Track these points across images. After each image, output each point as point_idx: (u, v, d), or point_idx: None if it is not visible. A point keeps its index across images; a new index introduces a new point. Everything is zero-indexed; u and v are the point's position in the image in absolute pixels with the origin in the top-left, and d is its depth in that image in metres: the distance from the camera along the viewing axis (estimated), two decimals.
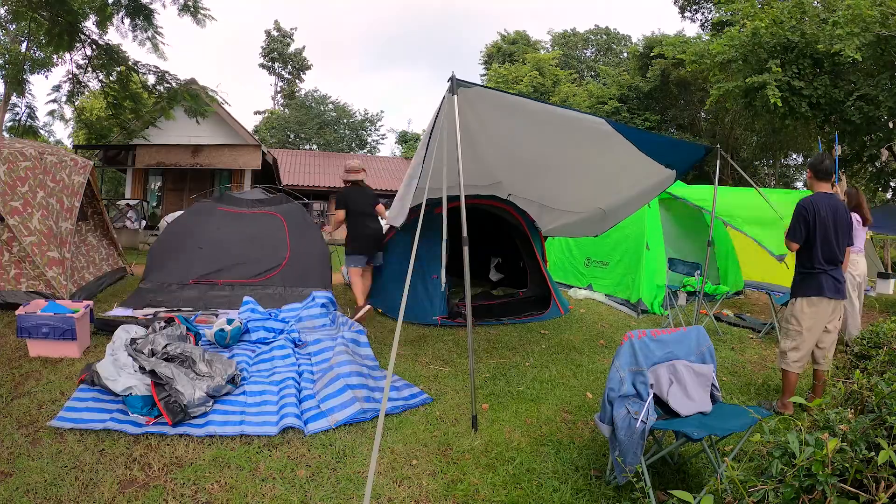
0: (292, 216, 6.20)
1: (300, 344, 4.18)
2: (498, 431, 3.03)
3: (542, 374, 4.03)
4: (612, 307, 6.81)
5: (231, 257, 5.71)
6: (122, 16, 10.27)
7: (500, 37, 32.48)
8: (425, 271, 5.52)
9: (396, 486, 2.46)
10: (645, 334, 2.63)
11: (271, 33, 35.63)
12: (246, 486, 2.38)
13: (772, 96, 9.72)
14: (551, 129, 3.98)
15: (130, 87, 11.60)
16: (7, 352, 3.82)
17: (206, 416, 2.96)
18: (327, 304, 4.82)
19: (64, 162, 5.31)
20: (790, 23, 10.11)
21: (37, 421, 2.84)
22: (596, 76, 30.66)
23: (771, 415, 3.02)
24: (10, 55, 13.18)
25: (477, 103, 3.45)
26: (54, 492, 2.25)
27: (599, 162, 4.46)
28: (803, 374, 4.41)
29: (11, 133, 12.17)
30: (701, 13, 20.04)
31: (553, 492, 2.45)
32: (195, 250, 5.62)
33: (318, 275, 5.94)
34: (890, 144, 10.86)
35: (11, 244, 4.72)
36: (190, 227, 5.88)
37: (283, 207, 6.27)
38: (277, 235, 5.98)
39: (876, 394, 1.71)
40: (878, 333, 3.33)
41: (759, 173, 23.84)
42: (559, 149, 4.31)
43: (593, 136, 3.94)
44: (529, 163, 4.72)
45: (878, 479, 1.34)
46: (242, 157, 14.82)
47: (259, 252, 5.86)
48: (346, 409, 3.05)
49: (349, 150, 33.35)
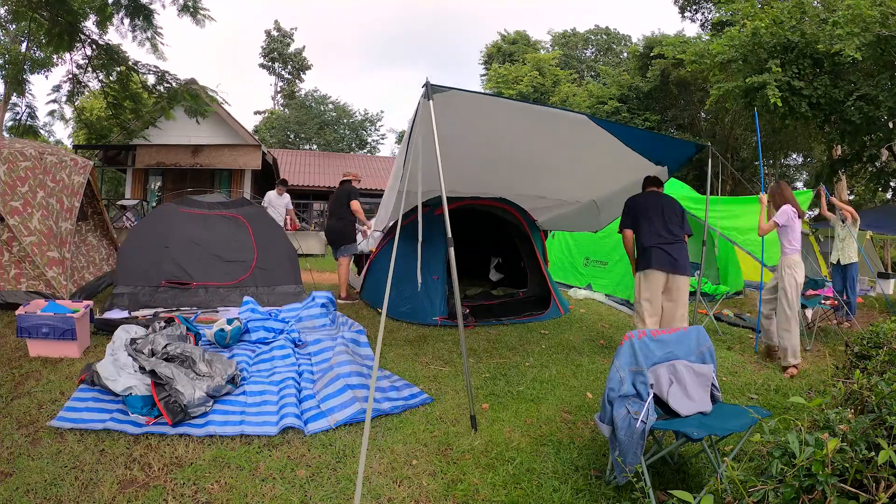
0: (254, 218, 6.19)
1: (300, 344, 4.18)
2: (498, 431, 3.03)
3: (542, 374, 4.03)
4: (612, 307, 6.82)
5: (200, 259, 5.65)
6: (122, 16, 10.25)
7: (500, 37, 32.48)
8: (425, 271, 5.53)
9: (396, 486, 2.46)
10: (645, 334, 2.62)
11: (271, 33, 35.65)
12: (246, 486, 2.38)
13: (772, 96, 9.72)
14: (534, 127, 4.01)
15: (130, 87, 11.58)
16: (7, 352, 3.82)
17: (206, 417, 2.96)
18: (327, 304, 4.83)
19: (64, 162, 5.31)
20: (790, 23, 10.11)
21: (37, 421, 2.84)
22: (596, 76, 30.65)
23: (770, 414, 3.02)
24: (10, 55, 13.17)
25: (454, 107, 3.46)
26: (54, 492, 2.25)
27: (586, 156, 4.51)
28: (802, 374, 4.42)
29: (11, 133, 12.16)
30: (701, 13, 20.04)
31: (553, 492, 2.45)
32: (162, 250, 5.58)
33: (288, 273, 5.98)
34: (890, 144, 10.86)
35: (11, 244, 4.72)
36: (155, 228, 5.83)
37: (243, 210, 6.24)
38: (242, 237, 5.99)
39: (876, 394, 1.71)
40: (878, 333, 3.32)
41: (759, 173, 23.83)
42: (545, 146, 4.34)
43: (577, 132, 3.98)
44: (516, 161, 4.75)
45: (878, 479, 1.34)
46: (242, 157, 14.83)
47: (227, 254, 5.85)
48: (346, 409, 3.05)
49: (349, 150, 33.35)
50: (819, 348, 5.33)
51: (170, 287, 5.48)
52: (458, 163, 4.63)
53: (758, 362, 4.73)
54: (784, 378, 4.28)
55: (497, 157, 4.65)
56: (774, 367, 4.59)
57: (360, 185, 7.27)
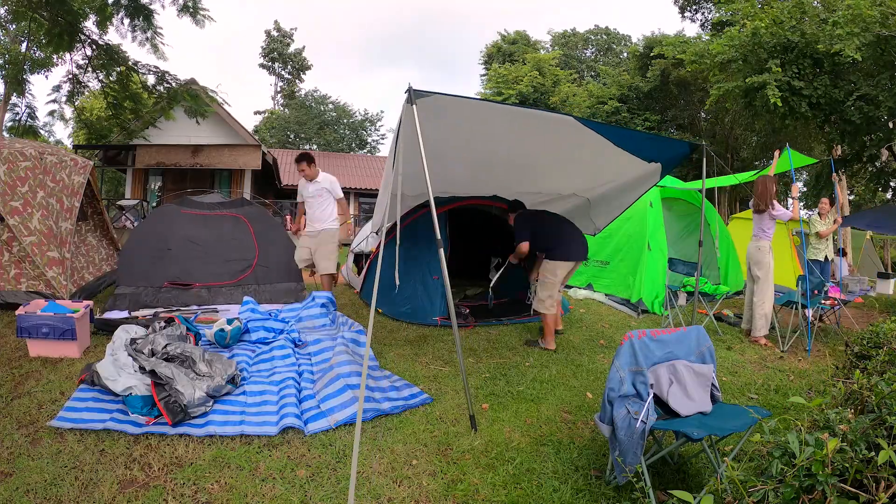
0: (255, 217, 6.25)
1: (300, 344, 4.18)
2: (498, 431, 3.03)
3: (542, 374, 4.03)
4: (612, 307, 6.81)
5: (201, 259, 5.70)
6: (122, 16, 10.26)
7: (500, 37, 32.50)
8: (425, 272, 5.53)
9: (396, 486, 2.46)
10: (645, 334, 2.62)
11: (271, 33, 35.67)
12: (246, 486, 2.38)
13: (772, 96, 9.72)
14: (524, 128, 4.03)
15: (130, 88, 11.59)
16: (7, 352, 3.82)
17: (206, 417, 2.96)
18: (327, 304, 4.82)
19: (64, 162, 5.31)
20: (790, 23, 10.10)
21: (37, 421, 2.84)
22: (596, 76, 30.67)
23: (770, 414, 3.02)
24: (10, 55, 13.18)
25: (444, 109, 3.47)
26: (54, 492, 2.25)
27: (576, 156, 4.52)
28: (802, 374, 4.42)
29: (11, 133, 12.17)
30: (701, 13, 20.05)
31: (553, 492, 2.45)
32: (165, 252, 5.62)
33: (289, 270, 5.99)
34: (890, 144, 10.85)
35: (11, 244, 4.72)
36: (156, 229, 5.86)
37: (244, 209, 6.29)
38: (243, 236, 6.03)
39: (876, 394, 1.71)
40: (878, 333, 3.32)
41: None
42: (536, 146, 4.36)
43: (565, 133, 3.99)
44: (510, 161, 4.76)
45: (878, 479, 1.34)
46: (242, 157, 14.83)
47: (228, 253, 5.89)
48: (346, 409, 3.05)
49: (349, 151, 33.36)
50: (819, 348, 5.33)
51: (172, 287, 5.50)
52: (454, 164, 4.64)
53: (758, 362, 4.73)
54: (784, 378, 4.28)
55: (491, 157, 4.67)
56: (774, 367, 4.59)
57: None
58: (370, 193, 19.70)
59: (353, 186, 19.62)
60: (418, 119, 3.14)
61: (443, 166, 4.40)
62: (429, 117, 3.33)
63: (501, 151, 4.51)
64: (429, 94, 3.24)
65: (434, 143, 3.56)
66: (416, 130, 3.14)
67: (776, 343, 5.31)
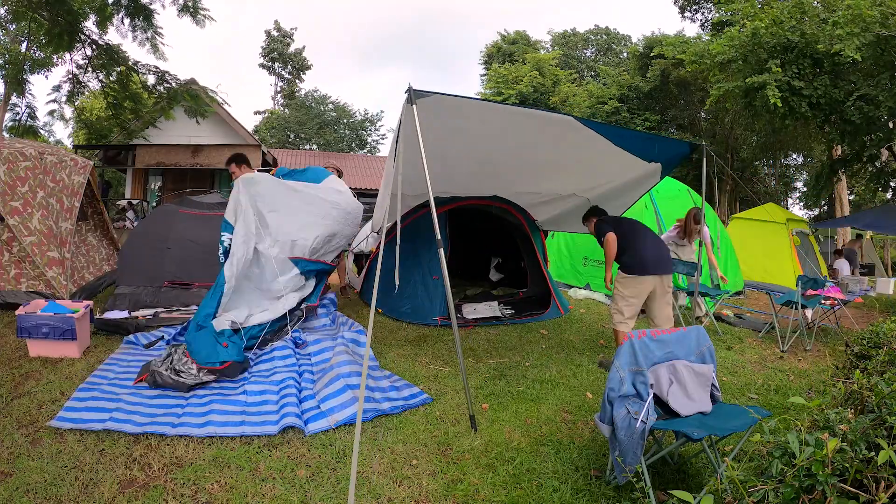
0: None
1: (300, 344, 4.18)
2: (498, 431, 3.03)
3: (542, 374, 4.03)
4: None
5: (201, 259, 5.67)
6: (122, 16, 10.26)
7: (500, 37, 32.50)
8: (425, 272, 5.53)
9: (396, 486, 2.46)
10: (645, 334, 2.63)
11: (271, 33, 35.64)
12: (246, 486, 2.38)
13: (772, 96, 9.72)
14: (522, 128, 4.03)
15: (130, 87, 11.58)
16: (7, 352, 3.82)
17: (207, 416, 2.96)
18: (327, 304, 4.82)
19: (64, 162, 5.31)
20: (790, 23, 10.10)
21: (37, 421, 2.84)
22: (596, 76, 30.67)
23: (770, 414, 3.03)
24: (10, 55, 13.17)
25: (444, 108, 3.48)
26: (54, 492, 2.25)
27: (576, 156, 4.52)
28: (802, 374, 4.42)
29: (11, 133, 12.16)
30: (701, 13, 20.05)
31: (553, 492, 2.45)
32: (164, 251, 5.60)
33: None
34: (890, 144, 10.86)
35: (11, 244, 4.72)
36: (155, 229, 5.85)
37: None
38: None
39: (876, 394, 1.71)
40: (878, 333, 3.33)
41: (759, 173, 23.86)
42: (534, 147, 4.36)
43: (566, 133, 4.00)
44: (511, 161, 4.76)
45: (878, 479, 1.34)
46: None
47: None
48: (346, 410, 3.04)
49: (349, 150, 33.34)
50: (819, 348, 5.34)
51: (172, 287, 5.49)
52: (454, 163, 4.64)
53: (758, 362, 4.73)
54: (784, 378, 4.28)
55: (491, 157, 4.67)
56: (774, 367, 4.59)
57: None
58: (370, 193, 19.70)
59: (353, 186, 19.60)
60: (418, 119, 3.15)
61: (443, 166, 4.40)
62: (429, 117, 3.33)
63: (501, 151, 4.51)
64: (429, 94, 3.25)
65: (434, 143, 3.57)
66: (416, 130, 3.15)
67: (776, 343, 5.31)
